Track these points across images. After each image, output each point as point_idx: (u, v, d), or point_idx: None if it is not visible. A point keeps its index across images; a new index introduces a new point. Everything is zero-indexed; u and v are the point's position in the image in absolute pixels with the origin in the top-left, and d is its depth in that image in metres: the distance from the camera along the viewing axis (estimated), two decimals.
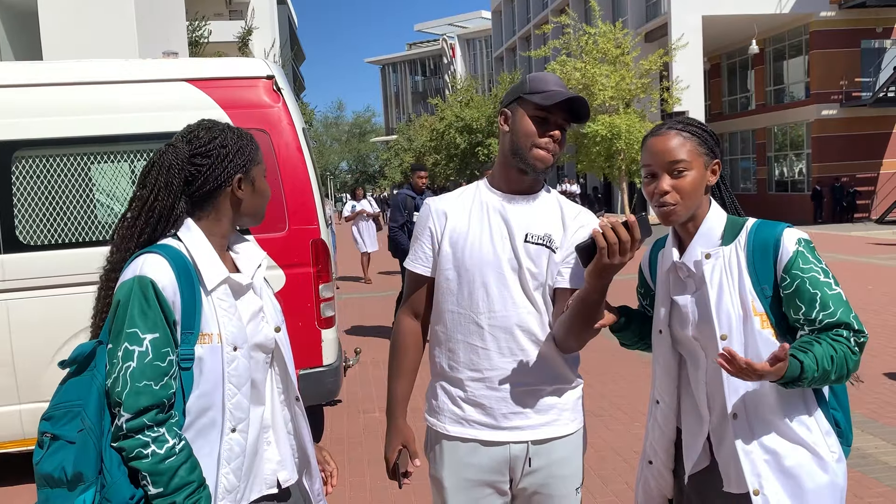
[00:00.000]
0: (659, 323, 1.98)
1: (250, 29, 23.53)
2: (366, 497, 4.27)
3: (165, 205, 1.72)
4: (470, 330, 2.04)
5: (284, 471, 1.89)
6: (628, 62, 22.13)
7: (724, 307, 1.83)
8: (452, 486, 2.07)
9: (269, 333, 1.83)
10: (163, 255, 1.67)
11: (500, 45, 54.09)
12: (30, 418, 4.45)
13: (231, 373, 1.71)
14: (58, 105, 4.44)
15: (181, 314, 1.66)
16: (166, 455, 1.58)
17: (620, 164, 21.42)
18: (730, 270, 1.85)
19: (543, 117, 1.98)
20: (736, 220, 1.93)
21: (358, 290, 13.17)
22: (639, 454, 4.72)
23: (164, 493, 1.58)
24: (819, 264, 1.81)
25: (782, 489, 1.81)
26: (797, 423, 1.84)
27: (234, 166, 1.76)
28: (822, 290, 1.79)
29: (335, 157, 73.47)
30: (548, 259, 2.02)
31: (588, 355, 7.36)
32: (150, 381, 1.59)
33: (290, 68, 39.69)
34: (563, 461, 2.07)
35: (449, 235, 2.07)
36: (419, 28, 77.56)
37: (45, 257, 4.41)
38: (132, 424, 1.57)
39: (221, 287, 1.74)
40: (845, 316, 1.78)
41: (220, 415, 1.70)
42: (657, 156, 1.86)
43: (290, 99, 4.76)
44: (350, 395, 6.44)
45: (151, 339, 1.60)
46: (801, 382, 1.73)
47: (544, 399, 2.04)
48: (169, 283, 1.64)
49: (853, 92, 26.31)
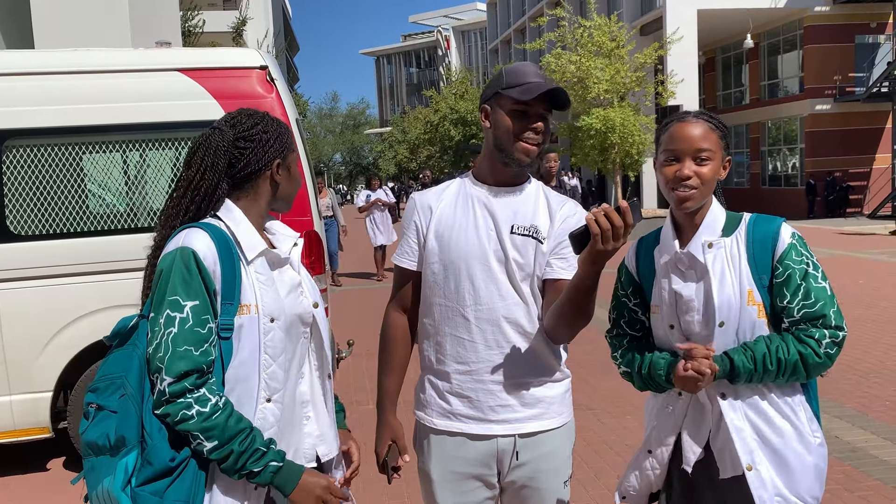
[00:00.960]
0: (670, 318, 1.98)
1: (245, 19, 23.41)
2: (358, 487, 4.27)
3: (210, 185, 1.79)
4: (457, 322, 2.04)
5: (324, 445, 1.91)
6: (623, 55, 22.09)
7: (725, 295, 1.88)
8: (440, 480, 2.07)
9: (309, 307, 1.88)
10: (204, 229, 1.74)
11: (496, 38, 53.95)
12: (20, 409, 4.43)
13: (267, 343, 1.75)
14: (49, 94, 4.41)
15: (221, 284, 1.71)
16: (211, 412, 1.63)
17: (615, 158, 21.40)
18: (731, 260, 1.91)
19: (523, 110, 1.98)
20: (733, 214, 1.98)
21: (361, 284, 13.14)
22: (631, 447, 4.73)
23: (219, 445, 1.63)
24: (811, 258, 1.89)
25: (772, 466, 1.89)
26: (784, 406, 1.92)
27: (274, 151, 1.83)
28: (809, 281, 1.87)
29: (329, 149, 73.25)
30: (535, 250, 2.02)
31: (580, 349, 7.37)
32: (191, 346, 1.64)
33: (283, 59, 39.55)
34: (551, 455, 2.07)
35: (434, 229, 2.07)
36: (414, 19, 77.41)
37: (35, 247, 4.39)
38: (174, 388, 1.62)
39: (259, 259, 1.80)
40: (825, 309, 1.86)
41: (256, 384, 1.74)
42: (684, 141, 1.89)
43: (283, 89, 4.74)
44: (343, 386, 6.44)
45: (192, 307, 1.66)
46: (738, 379, 1.86)
47: (531, 391, 2.05)
48: (210, 253, 1.70)
49: (847, 87, 26.35)
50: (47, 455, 5.06)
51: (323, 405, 1.93)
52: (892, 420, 5.04)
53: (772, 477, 1.88)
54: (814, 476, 1.90)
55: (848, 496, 3.92)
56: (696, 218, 1.95)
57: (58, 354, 4.43)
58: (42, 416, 4.48)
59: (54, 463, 4.92)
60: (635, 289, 2.10)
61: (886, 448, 4.56)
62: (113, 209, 4.57)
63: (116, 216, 4.56)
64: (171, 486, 1.62)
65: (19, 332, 4.37)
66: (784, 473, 1.88)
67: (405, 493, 4.18)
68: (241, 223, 1.80)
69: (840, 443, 4.66)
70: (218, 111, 4.50)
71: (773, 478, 1.88)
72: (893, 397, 5.53)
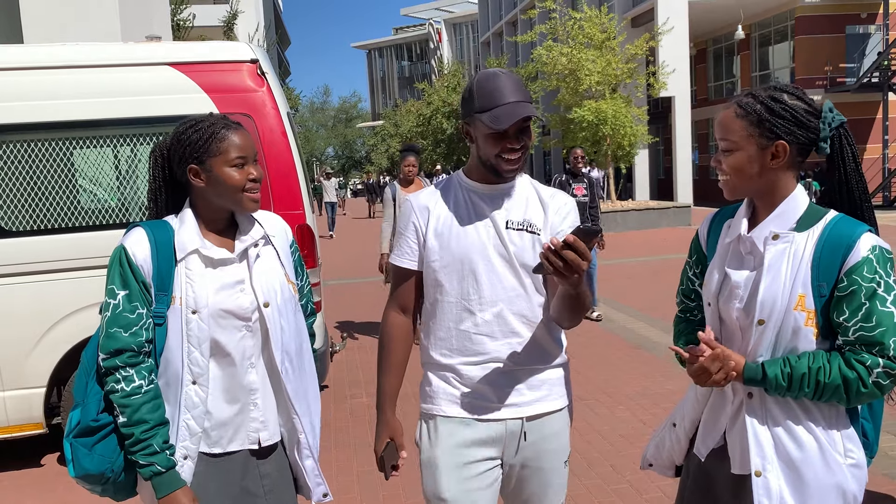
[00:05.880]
0: (709, 295, 1.92)
1: (235, 13, 23.28)
2: (352, 481, 4.29)
3: (156, 184, 2.04)
4: (462, 318, 2.08)
5: (266, 431, 2.06)
6: (614, 47, 22.06)
7: (772, 293, 1.76)
8: (446, 467, 2.09)
9: (245, 304, 1.99)
10: (145, 227, 1.97)
11: (487, 30, 53.82)
12: (14, 405, 4.43)
13: (190, 333, 1.94)
14: (39, 89, 4.39)
15: (154, 278, 1.93)
16: (132, 392, 1.88)
17: (607, 150, 21.39)
18: (794, 258, 1.76)
19: (499, 133, 1.99)
20: (817, 209, 1.81)
21: (354, 278, 13.14)
22: (624, 438, 4.76)
23: (126, 423, 1.88)
24: (885, 278, 1.70)
25: (783, 477, 1.78)
26: (815, 418, 1.79)
27: (188, 156, 1.96)
28: (875, 303, 1.68)
29: (321, 143, 73.05)
30: (532, 242, 2.07)
31: (574, 340, 7.39)
32: (121, 328, 1.89)
33: (274, 52, 39.38)
34: (554, 435, 2.14)
35: (433, 228, 2.11)
36: (405, 12, 77.09)
37: (28, 243, 4.38)
38: (107, 363, 1.89)
39: (191, 257, 1.97)
40: (885, 336, 1.68)
41: (181, 367, 1.95)
42: (715, 129, 1.86)
43: (274, 83, 4.73)
44: (336, 380, 6.45)
45: (123, 295, 1.91)
46: (768, 392, 1.77)
47: (537, 376, 2.12)
48: (140, 249, 1.93)
49: (838, 77, 26.42)
50: (41, 451, 5.05)
51: (271, 397, 2.07)
52: None
53: (780, 487, 1.77)
54: (835, 497, 1.77)
55: None
56: (772, 202, 1.82)
57: (51, 350, 4.42)
58: (36, 411, 4.47)
59: (48, 459, 4.92)
60: (699, 257, 2.05)
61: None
62: (104, 204, 4.56)
63: (108, 211, 4.55)
64: (100, 442, 1.92)
65: (12, 328, 4.36)
66: (797, 488, 1.77)
67: (399, 483, 4.20)
68: (184, 223, 1.99)
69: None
70: (209, 105, 4.49)
71: (781, 488, 1.77)
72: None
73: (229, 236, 2.05)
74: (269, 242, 2.10)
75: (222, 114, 2.05)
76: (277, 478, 2.10)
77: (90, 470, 1.91)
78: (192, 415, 1.96)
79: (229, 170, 1.95)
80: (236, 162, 1.95)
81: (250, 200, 1.99)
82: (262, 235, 2.07)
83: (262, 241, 2.07)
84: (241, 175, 1.96)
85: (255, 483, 2.05)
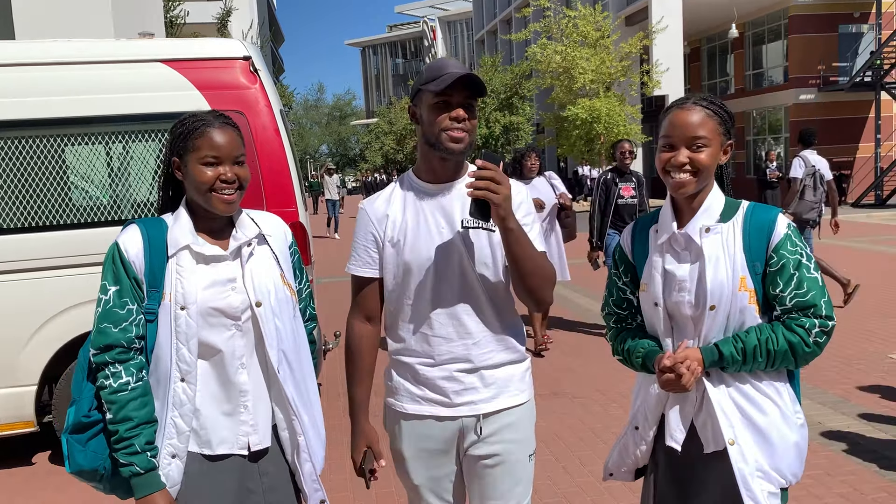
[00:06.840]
0: (655, 296, 2.03)
1: (229, 10, 23.20)
2: (345, 479, 4.29)
3: (163, 180, 2.07)
4: (420, 320, 2.12)
5: (256, 435, 2.03)
6: (608, 45, 22.10)
7: (718, 280, 1.93)
8: (412, 457, 2.19)
9: (236, 303, 1.97)
10: (139, 224, 1.97)
11: (481, 28, 53.83)
12: (5, 403, 4.41)
13: (178, 329, 1.93)
14: (30, 85, 4.37)
15: (146, 274, 1.93)
16: (119, 389, 1.87)
17: (600, 149, 21.43)
18: (727, 246, 1.95)
19: (444, 101, 2.01)
20: (732, 200, 2.03)
21: (337, 274, 13.13)
22: (616, 435, 4.77)
23: (112, 419, 1.88)
24: (804, 248, 1.94)
25: (754, 442, 1.94)
26: (768, 387, 1.97)
27: (171, 151, 1.99)
28: (802, 272, 1.91)
29: (315, 141, 72.94)
30: (488, 239, 2.10)
31: (566, 338, 7.40)
32: (110, 324, 1.89)
33: (268, 49, 39.28)
34: (513, 426, 2.17)
35: (390, 235, 2.13)
36: (400, 10, 76.96)
37: (19, 240, 4.36)
38: (97, 359, 1.90)
39: (182, 253, 1.96)
40: (816, 299, 1.91)
41: (170, 364, 1.94)
42: (679, 129, 1.94)
43: (267, 80, 4.71)
44: (329, 377, 6.44)
45: (114, 291, 1.92)
46: (727, 369, 1.93)
47: (493, 373, 2.15)
48: (133, 246, 1.94)
49: (831, 76, 26.50)
50: (32, 449, 5.03)
51: (264, 400, 2.04)
52: (874, 406, 5.10)
53: (753, 452, 1.93)
54: (795, 455, 1.96)
55: (830, 480, 3.97)
56: (694, 202, 2.00)
57: (42, 347, 4.40)
58: (27, 409, 4.46)
59: (40, 457, 4.90)
60: (627, 267, 2.17)
61: (868, 434, 4.61)
62: (97, 201, 4.55)
63: (101, 208, 4.53)
64: (93, 439, 1.93)
65: (2, 326, 4.34)
66: (766, 450, 1.93)
67: (390, 476, 4.20)
68: (177, 219, 2.00)
69: (823, 428, 4.72)
70: (202, 102, 4.48)
71: (755, 452, 1.93)
72: (876, 383, 5.59)
73: (226, 235, 2.05)
74: (265, 242, 2.09)
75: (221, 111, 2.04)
76: (277, 475, 2.09)
77: (84, 466, 1.91)
78: (179, 413, 1.95)
79: (200, 167, 1.94)
80: (208, 160, 1.93)
81: (220, 201, 1.95)
82: (257, 234, 2.06)
83: (257, 239, 2.06)
84: (212, 174, 1.94)
85: (254, 482, 2.05)
